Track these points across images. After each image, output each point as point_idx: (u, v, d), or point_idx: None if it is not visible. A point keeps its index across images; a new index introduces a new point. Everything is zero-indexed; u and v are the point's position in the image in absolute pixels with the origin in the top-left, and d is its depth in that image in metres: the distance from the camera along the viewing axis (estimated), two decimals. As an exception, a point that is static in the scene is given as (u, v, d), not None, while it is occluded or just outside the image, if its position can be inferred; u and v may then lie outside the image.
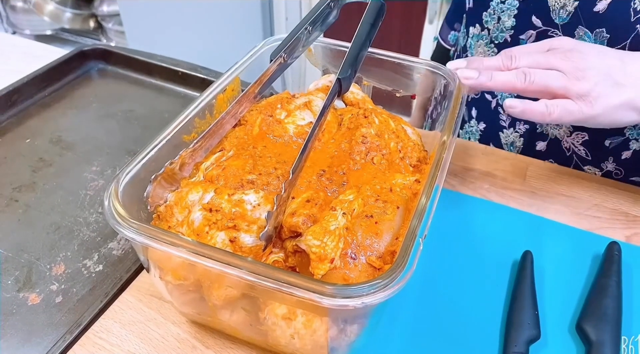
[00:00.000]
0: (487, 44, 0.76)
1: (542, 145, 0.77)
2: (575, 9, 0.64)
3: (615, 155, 0.73)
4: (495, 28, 0.74)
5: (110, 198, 0.42)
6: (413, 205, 0.47)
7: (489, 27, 0.75)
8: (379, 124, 0.54)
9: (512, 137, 0.79)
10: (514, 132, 0.78)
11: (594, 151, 0.74)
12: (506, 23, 0.72)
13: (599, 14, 0.62)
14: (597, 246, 0.60)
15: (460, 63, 0.58)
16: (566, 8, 0.64)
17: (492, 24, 0.74)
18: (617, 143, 0.71)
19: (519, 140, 0.78)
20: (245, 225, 0.43)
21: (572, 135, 0.74)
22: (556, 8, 0.65)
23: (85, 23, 2.37)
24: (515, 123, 0.78)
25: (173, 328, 0.53)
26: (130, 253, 0.60)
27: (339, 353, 0.46)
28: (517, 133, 0.78)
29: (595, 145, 0.73)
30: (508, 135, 0.79)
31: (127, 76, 0.93)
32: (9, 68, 0.92)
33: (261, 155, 0.52)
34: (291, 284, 0.36)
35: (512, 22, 0.71)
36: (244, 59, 0.60)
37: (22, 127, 0.80)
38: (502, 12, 0.72)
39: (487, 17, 0.74)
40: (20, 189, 0.69)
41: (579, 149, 0.74)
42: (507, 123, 0.79)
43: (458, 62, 0.58)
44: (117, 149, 0.76)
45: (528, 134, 0.77)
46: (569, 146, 0.75)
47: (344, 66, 0.52)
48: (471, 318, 0.54)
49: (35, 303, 0.55)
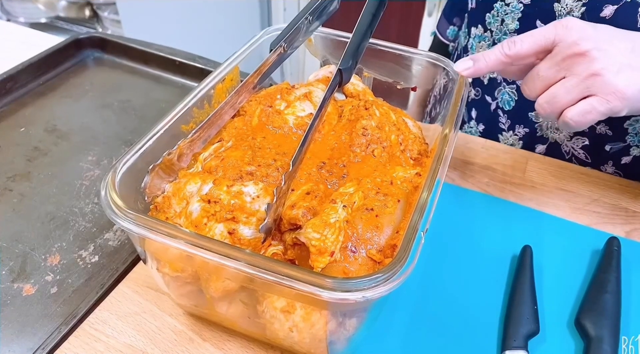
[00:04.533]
0: (489, 46, 0.75)
1: (542, 148, 0.76)
2: (582, 14, 0.63)
3: (615, 159, 0.72)
4: (499, 30, 0.73)
5: (107, 188, 0.42)
6: (414, 198, 0.46)
7: (492, 29, 0.74)
8: (379, 116, 0.54)
9: (512, 139, 0.78)
10: (513, 135, 0.78)
11: (593, 155, 0.73)
12: (510, 26, 0.71)
13: (606, 19, 0.61)
14: (597, 241, 0.60)
15: (467, 64, 0.55)
16: (572, 13, 0.63)
17: (495, 25, 0.73)
18: (617, 149, 0.71)
19: (518, 143, 0.78)
20: (244, 217, 0.43)
21: (572, 140, 0.73)
22: (562, 13, 0.64)
23: (80, 11, 2.34)
24: (514, 126, 0.77)
25: (170, 320, 0.52)
26: (127, 244, 0.60)
27: (337, 347, 0.46)
28: (517, 136, 0.78)
29: (595, 150, 0.73)
30: (507, 137, 0.79)
31: (124, 65, 0.91)
32: (3, 56, 0.91)
33: (260, 146, 0.51)
34: (290, 277, 0.36)
35: (515, 25, 0.70)
36: (243, 49, 0.59)
37: (16, 115, 0.79)
38: (506, 14, 0.71)
39: (490, 18, 0.73)
40: (15, 178, 0.68)
41: (578, 153, 0.74)
42: (507, 126, 0.78)
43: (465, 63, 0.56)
44: (113, 139, 0.75)
45: (527, 137, 0.77)
46: (569, 150, 0.74)
47: (345, 57, 0.52)
48: (470, 313, 0.54)
49: (30, 293, 0.54)
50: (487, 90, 0.79)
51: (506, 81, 0.76)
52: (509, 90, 0.75)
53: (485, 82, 0.79)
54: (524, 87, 0.54)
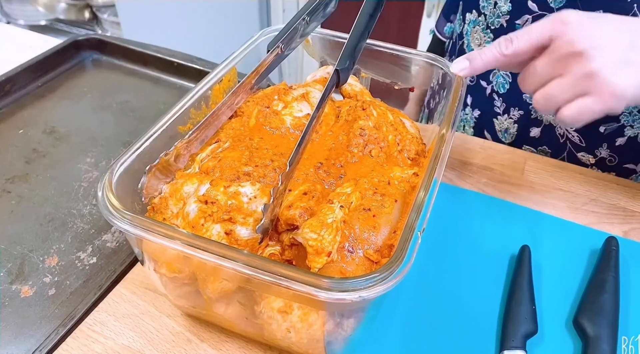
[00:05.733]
0: (483, 30, 0.76)
1: (537, 131, 0.77)
2: None
3: (609, 141, 0.72)
4: (492, 13, 0.73)
5: (104, 190, 0.42)
6: (411, 199, 0.46)
7: (486, 13, 0.74)
8: (377, 117, 0.54)
9: (507, 123, 0.79)
10: (508, 118, 0.78)
11: (588, 137, 0.73)
12: (502, 8, 0.71)
13: None
14: (595, 241, 0.60)
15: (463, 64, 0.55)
16: None
17: (489, 9, 0.74)
18: (611, 129, 0.71)
19: (513, 126, 0.78)
20: (241, 217, 0.43)
21: None
22: None
23: (80, 14, 2.34)
24: (509, 109, 0.78)
25: (168, 321, 0.52)
26: (125, 246, 0.60)
27: (335, 347, 0.46)
28: (511, 119, 0.78)
29: (590, 132, 0.73)
30: (502, 121, 0.79)
31: (122, 66, 0.91)
32: (2, 58, 0.91)
33: (258, 147, 0.51)
34: (287, 277, 0.36)
35: (508, 6, 0.71)
36: (240, 49, 0.59)
37: (15, 117, 0.79)
38: None
39: (483, 2, 0.75)
40: (13, 180, 0.68)
41: (572, 135, 0.74)
42: (502, 110, 0.78)
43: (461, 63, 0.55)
44: (112, 140, 0.75)
45: (522, 120, 0.77)
46: (563, 132, 0.74)
47: (342, 57, 0.52)
48: (468, 313, 0.54)
49: (28, 295, 0.54)
50: (483, 75, 0.79)
51: None
52: (504, 73, 0.76)
53: None
54: (521, 82, 0.54)
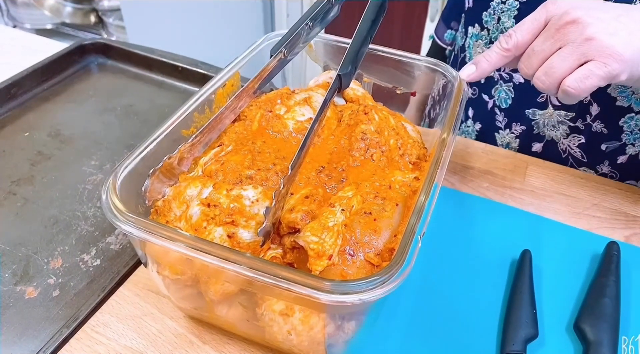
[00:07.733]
0: (486, 44, 0.76)
1: (538, 146, 0.77)
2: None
3: (610, 159, 0.73)
4: (495, 28, 0.73)
5: (108, 192, 0.42)
6: (412, 203, 0.47)
7: (489, 27, 0.74)
8: (379, 121, 0.54)
9: (508, 138, 0.79)
10: (509, 133, 0.78)
11: (589, 154, 0.74)
12: (506, 23, 0.71)
13: None
14: (596, 245, 0.60)
15: (470, 69, 0.56)
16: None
17: (492, 24, 0.73)
18: (613, 147, 0.71)
19: (515, 141, 0.78)
20: (243, 220, 0.43)
21: (569, 138, 0.73)
22: None
23: (86, 17, 2.36)
24: (511, 124, 0.78)
25: (170, 323, 0.52)
26: (128, 248, 0.60)
27: (336, 350, 0.46)
28: (513, 134, 0.78)
29: (591, 149, 0.73)
30: (504, 136, 0.79)
31: (127, 70, 0.92)
32: (8, 62, 0.92)
33: (260, 151, 0.52)
34: (289, 280, 0.36)
35: (512, 22, 0.71)
36: (244, 54, 0.60)
37: (21, 120, 0.80)
38: (502, 12, 0.71)
39: (487, 17, 0.74)
40: (19, 182, 0.69)
41: (575, 151, 0.74)
42: (503, 125, 0.78)
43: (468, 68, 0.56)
44: (116, 144, 0.76)
45: (524, 135, 0.77)
46: (565, 148, 0.74)
47: (345, 62, 0.52)
48: (469, 317, 0.54)
49: (32, 296, 0.55)
50: (484, 88, 0.79)
51: (503, 79, 0.76)
52: (506, 88, 0.76)
53: (482, 81, 0.79)
54: (521, 66, 0.53)
